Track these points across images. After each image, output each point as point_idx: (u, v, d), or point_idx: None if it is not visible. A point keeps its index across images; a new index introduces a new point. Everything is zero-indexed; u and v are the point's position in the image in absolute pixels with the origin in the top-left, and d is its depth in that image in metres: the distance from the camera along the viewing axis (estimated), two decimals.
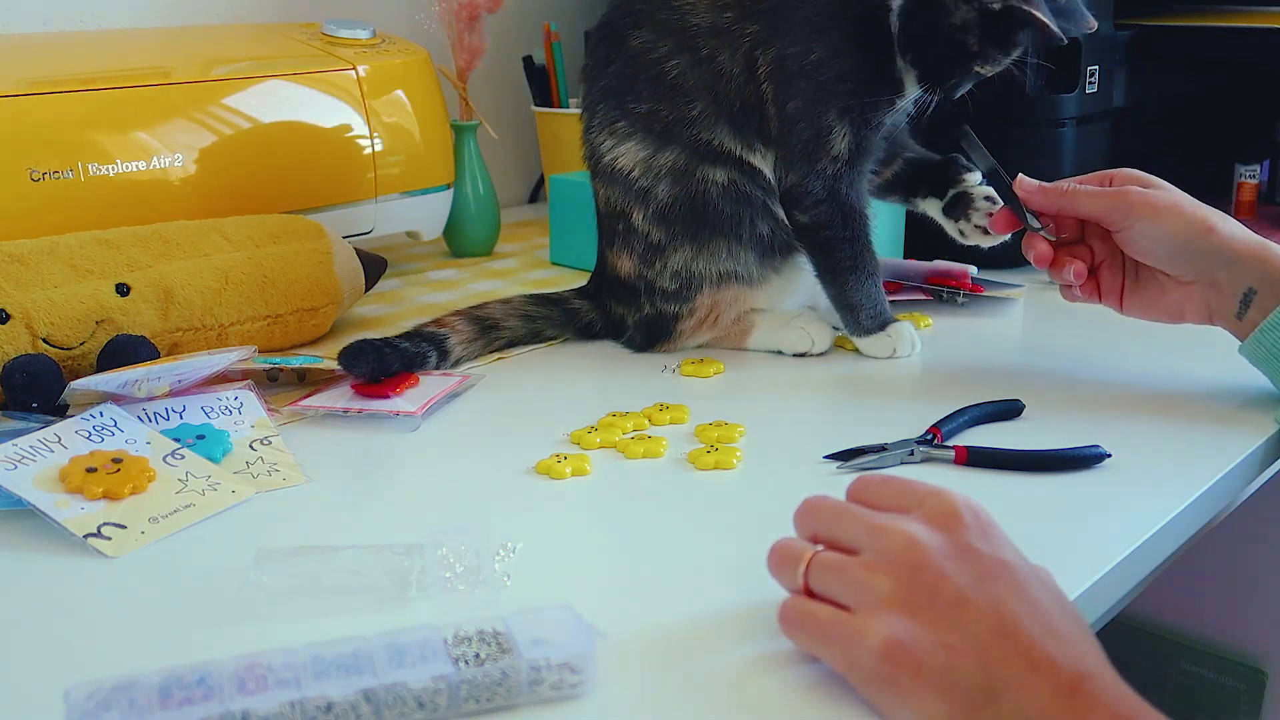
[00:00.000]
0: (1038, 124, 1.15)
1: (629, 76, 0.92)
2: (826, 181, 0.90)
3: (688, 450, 0.76)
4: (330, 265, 0.97)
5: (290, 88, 1.08)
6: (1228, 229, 0.81)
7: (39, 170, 0.92)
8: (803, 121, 0.89)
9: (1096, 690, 0.45)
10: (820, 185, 0.90)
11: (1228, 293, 0.81)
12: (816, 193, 0.90)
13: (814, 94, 0.88)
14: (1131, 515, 0.66)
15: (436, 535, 0.58)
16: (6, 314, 0.80)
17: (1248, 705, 1.37)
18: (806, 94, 0.88)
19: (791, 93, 0.88)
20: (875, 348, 0.93)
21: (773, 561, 0.54)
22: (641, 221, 0.93)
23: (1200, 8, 1.32)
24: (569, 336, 1.00)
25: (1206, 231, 0.80)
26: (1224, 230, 0.80)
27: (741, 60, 0.89)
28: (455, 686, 0.48)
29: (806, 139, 0.89)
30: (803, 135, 0.89)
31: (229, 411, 0.79)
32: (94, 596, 0.60)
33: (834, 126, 0.89)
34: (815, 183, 0.90)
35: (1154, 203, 0.81)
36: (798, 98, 0.88)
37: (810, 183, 0.90)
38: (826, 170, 0.90)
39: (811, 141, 0.89)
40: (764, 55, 0.89)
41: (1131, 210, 0.82)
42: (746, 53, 0.89)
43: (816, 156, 0.90)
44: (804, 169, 0.90)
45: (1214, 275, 0.81)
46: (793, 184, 0.91)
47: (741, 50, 0.89)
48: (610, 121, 0.93)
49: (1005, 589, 0.48)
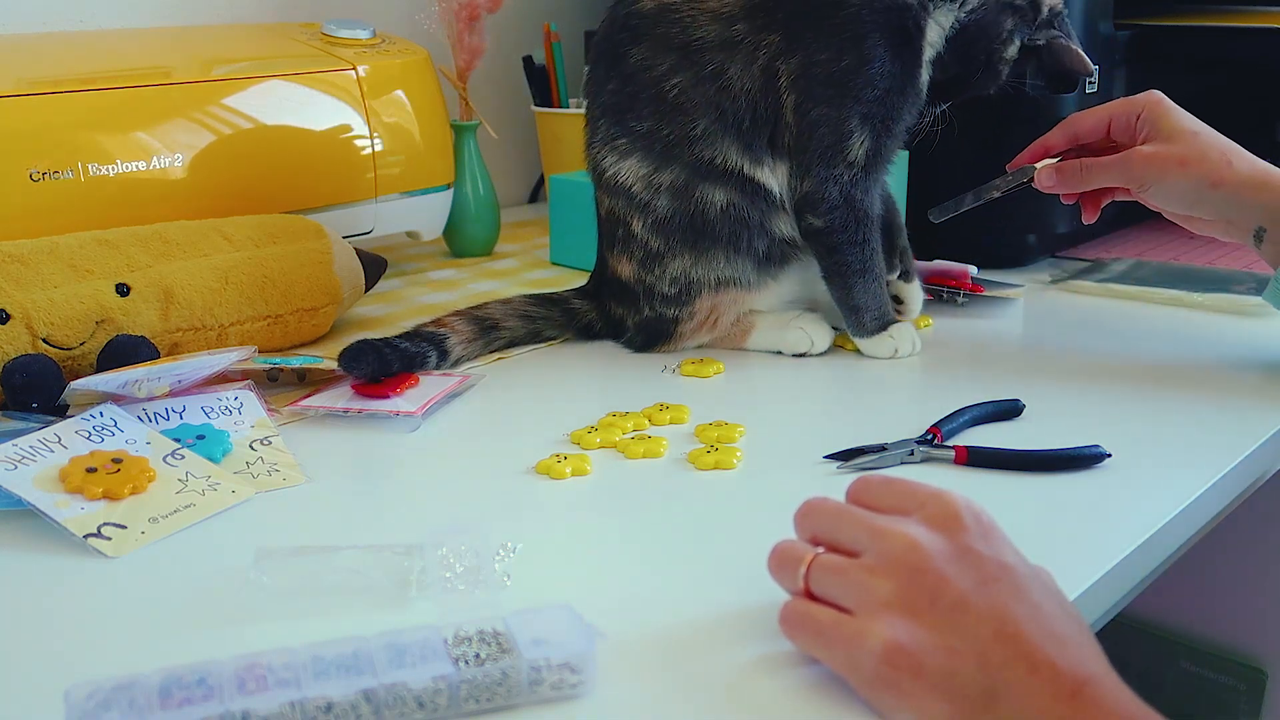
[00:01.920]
0: (1038, 124, 1.15)
1: (629, 94, 0.92)
2: (843, 187, 0.91)
3: (688, 450, 0.76)
4: (330, 265, 0.97)
5: (290, 88, 1.08)
6: (1235, 175, 0.86)
7: (39, 170, 0.92)
8: (824, 127, 0.89)
9: (1097, 694, 0.44)
10: (836, 191, 0.91)
11: (1242, 230, 0.88)
12: (832, 198, 0.91)
13: (839, 100, 0.89)
14: (1131, 515, 0.66)
15: (436, 535, 0.58)
16: (6, 314, 0.80)
17: (1248, 705, 1.36)
18: (832, 100, 0.89)
19: (816, 99, 0.89)
20: (877, 348, 0.93)
21: (773, 563, 0.54)
22: (641, 230, 0.93)
23: (1200, 8, 1.32)
24: (569, 336, 1.00)
25: (1212, 185, 0.86)
26: (1230, 178, 0.86)
27: (759, 72, 0.89)
28: (455, 686, 0.48)
29: (827, 144, 0.90)
30: (823, 141, 0.90)
31: (229, 411, 0.79)
32: (94, 596, 0.60)
33: (854, 132, 0.89)
34: (832, 188, 0.91)
35: (1160, 163, 0.87)
36: (822, 104, 0.89)
37: (827, 188, 0.91)
38: (843, 176, 0.90)
39: (832, 147, 0.90)
40: (786, 64, 0.89)
41: (1142, 176, 0.88)
42: (765, 64, 0.89)
43: (835, 162, 0.90)
44: (821, 174, 0.90)
45: (1227, 217, 0.88)
46: (809, 190, 0.91)
47: (758, 63, 0.89)
48: (611, 138, 0.94)
49: (1006, 592, 0.48)
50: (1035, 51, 0.94)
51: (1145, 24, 1.22)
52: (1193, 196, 0.87)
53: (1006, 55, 0.92)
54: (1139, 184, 0.89)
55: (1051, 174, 0.93)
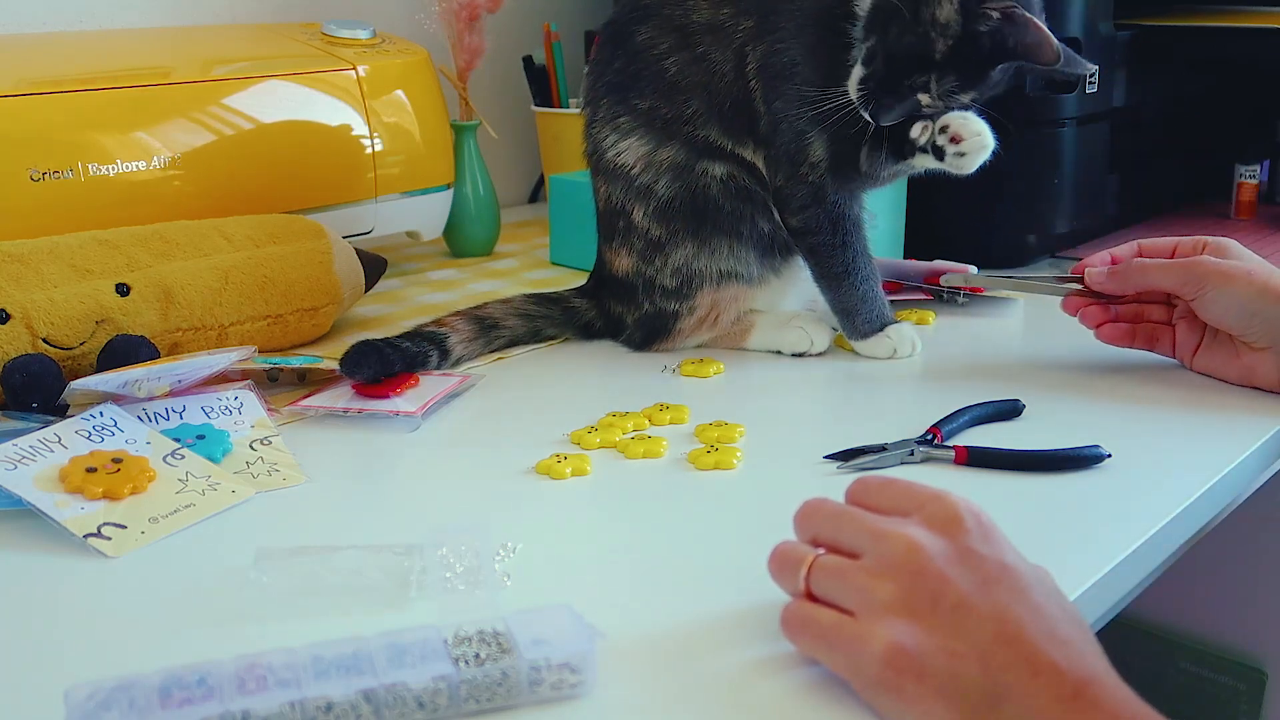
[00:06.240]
0: (1037, 124, 1.15)
1: (633, 73, 0.92)
2: (812, 187, 0.89)
3: (688, 450, 0.76)
4: (330, 265, 0.97)
5: (290, 88, 1.08)
6: None
7: (39, 170, 0.92)
8: (785, 123, 0.88)
9: (1099, 695, 0.44)
10: (805, 190, 0.90)
11: None
12: (802, 196, 0.90)
13: (791, 97, 0.87)
14: (1131, 515, 0.66)
15: (436, 535, 0.58)
16: (6, 314, 0.80)
17: (1248, 705, 1.36)
18: (786, 96, 0.88)
19: (775, 93, 0.88)
20: (873, 349, 0.93)
21: (774, 565, 0.54)
22: (642, 218, 0.93)
23: (1200, 8, 1.32)
24: (569, 336, 1.00)
25: (1279, 299, 0.80)
26: None
27: (732, 56, 0.89)
28: (455, 686, 0.48)
29: (789, 141, 0.89)
30: (785, 137, 0.89)
31: (229, 411, 0.79)
32: (94, 596, 0.60)
33: (808, 133, 0.88)
34: (800, 188, 0.90)
35: (1226, 271, 0.82)
36: (778, 98, 0.88)
37: (796, 187, 0.90)
38: (809, 176, 0.89)
39: (793, 144, 0.89)
40: (753, 51, 0.89)
41: (1204, 280, 0.82)
42: (738, 49, 0.89)
43: (799, 161, 0.89)
44: (789, 172, 0.90)
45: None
46: (780, 186, 0.91)
47: (733, 46, 0.89)
48: (614, 116, 0.93)
49: (1007, 594, 0.48)
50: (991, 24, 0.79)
51: (1145, 24, 1.22)
52: (1252, 308, 0.81)
53: (940, 17, 0.79)
54: (1198, 287, 0.83)
55: (1104, 272, 0.88)
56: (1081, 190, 1.20)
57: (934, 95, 0.82)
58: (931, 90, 0.82)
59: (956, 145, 0.84)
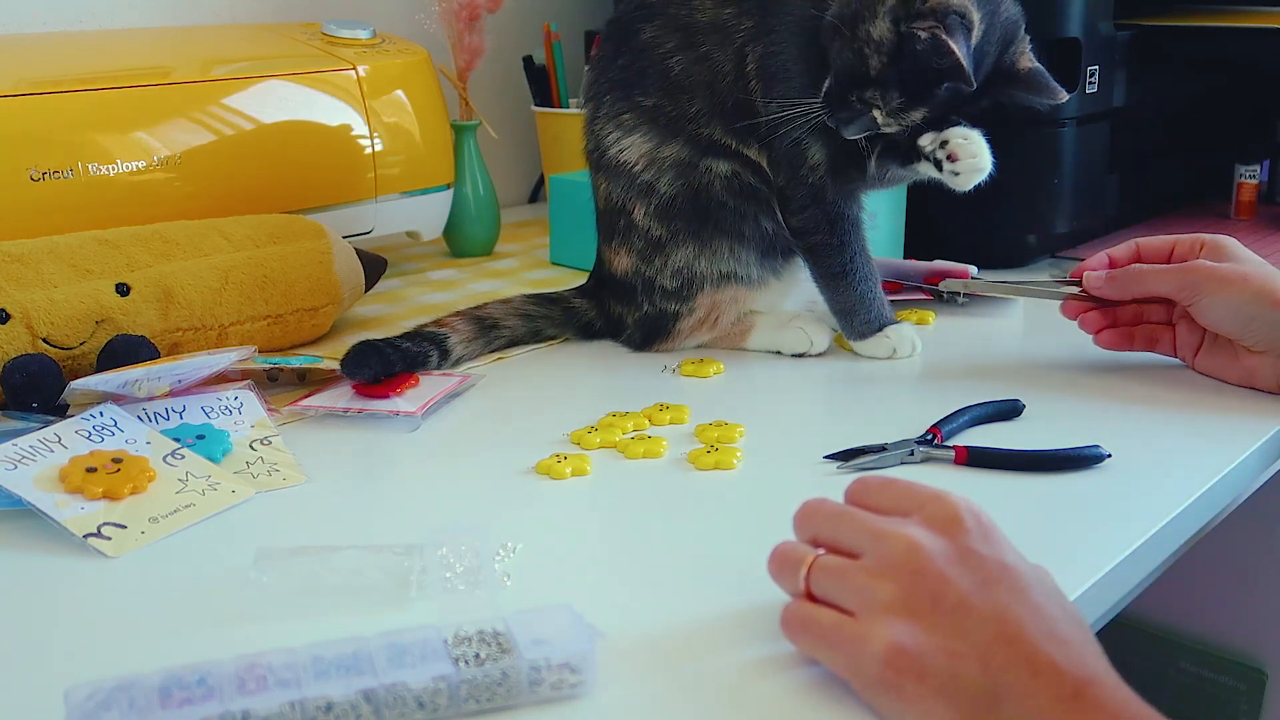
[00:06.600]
0: (1037, 124, 1.15)
1: (638, 70, 0.92)
2: (811, 189, 0.90)
3: (687, 450, 0.76)
4: (330, 265, 0.97)
5: (290, 88, 1.08)
6: None
7: (39, 170, 0.92)
8: (783, 126, 0.88)
9: (1099, 695, 0.45)
10: (804, 191, 0.90)
11: None
12: (802, 197, 0.90)
13: (787, 100, 0.87)
14: (1131, 515, 0.66)
15: (436, 535, 0.58)
16: (6, 314, 0.80)
17: (1248, 705, 1.36)
18: (783, 98, 0.87)
19: (771, 94, 0.88)
20: (873, 349, 0.93)
21: (774, 565, 0.54)
22: (643, 217, 0.93)
23: (1200, 8, 1.32)
24: (569, 336, 1.00)
25: (1274, 304, 0.80)
26: None
27: (734, 56, 0.89)
28: (455, 686, 0.48)
29: (788, 144, 0.89)
30: (785, 140, 0.89)
31: (229, 411, 0.79)
32: (94, 596, 0.60)
33: (804, 137, 0.88)
34: (800, 189, 0.90)
35: (1222, 276, 0.82)
36: (775, 101, 0.88)
37: (796, 188, 0.90)
38: (808, 178, 0.89)
39: (792, 146, 0.89)
40: (753, 51, 0.89)
41: (1200, 286, 0.82)
42: (739, 48, 0.89)
43: (799, 163, 0.89)
44: (789, 173, 0.90)
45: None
46: (782, 186, 0.91)
47: (734, 45, 0.89)
48: (617, 113, 0.93)
49: (1007, 594, 0.48)
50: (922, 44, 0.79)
51: (1145, 24, 1.22)
52: (1248, 312, 0.80)
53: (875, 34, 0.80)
54: (1194, 293, 0.82)
55: (1101, 277, 0.87)
56: (1081, 190, 1.20)
57: (885, 111, 0.83)
58: (881, 106, 0.83)
59: (953, 164, 0.85)
